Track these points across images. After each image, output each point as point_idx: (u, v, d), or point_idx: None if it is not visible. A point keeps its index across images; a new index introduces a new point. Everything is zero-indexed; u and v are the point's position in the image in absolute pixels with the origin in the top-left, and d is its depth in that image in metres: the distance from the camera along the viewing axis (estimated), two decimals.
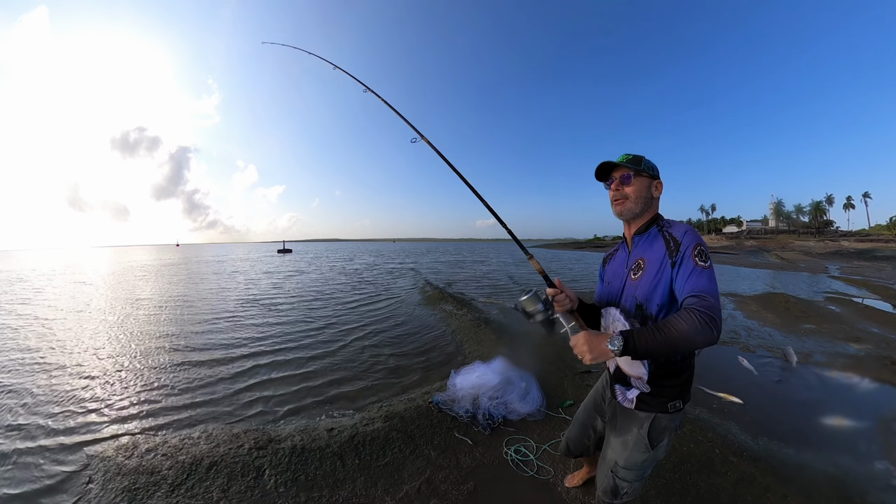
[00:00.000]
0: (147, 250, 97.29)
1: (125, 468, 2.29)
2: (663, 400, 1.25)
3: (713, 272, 1.12)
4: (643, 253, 1.28)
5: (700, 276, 1.09)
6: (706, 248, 1.15)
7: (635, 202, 1.30)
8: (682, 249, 1.15)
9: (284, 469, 2.26)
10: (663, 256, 1.19)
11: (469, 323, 5.95)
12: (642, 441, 1.28)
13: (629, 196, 1.30)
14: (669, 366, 1.24)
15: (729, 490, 2.10)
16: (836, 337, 5.34)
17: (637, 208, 1.30)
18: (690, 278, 1.10)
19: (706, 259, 1.13)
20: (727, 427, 2.79)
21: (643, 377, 1.27)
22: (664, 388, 1.25)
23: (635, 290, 1.26)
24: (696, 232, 1.20)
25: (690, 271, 1.11)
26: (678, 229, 1.22)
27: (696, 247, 1.14)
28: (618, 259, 1.43)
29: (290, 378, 3.93)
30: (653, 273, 1.21)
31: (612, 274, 1.42)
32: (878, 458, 2.46)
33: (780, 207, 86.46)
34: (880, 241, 49.41)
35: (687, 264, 1.13)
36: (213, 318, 7.00)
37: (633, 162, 1.30)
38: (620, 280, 1.35)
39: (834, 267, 20.41)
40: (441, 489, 2.12)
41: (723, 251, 42.15)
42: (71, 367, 4.25)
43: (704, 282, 1.08)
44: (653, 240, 1.27)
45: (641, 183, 1.30)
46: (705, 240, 1.23)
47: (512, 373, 3.29)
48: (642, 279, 1.24)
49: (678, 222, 1.27)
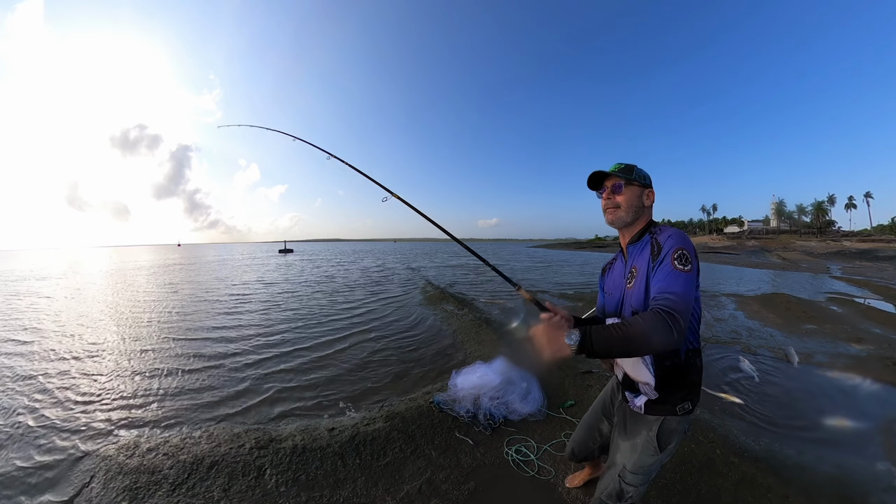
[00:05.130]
0: (148, 250, 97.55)
1: (126, 467, 2.29)
2: (672, 402, 1.26)
3: (691, 277, 1.10)
4: (635, 261, 1.29)
5: (674, 278, 1.08)
6: (690, 253, 1.14)
7: (626, 211, 1.31)
8: (663, 253, 1.16)
9: (285, 469, 2.26)
10: (648, 261, 1.21)
11: (470, 323, 5.95)
12: (651, 444, 1.28)
13: (620, 205, 1.31)
14: (675, 368, 1.24)
15: (730, 491, 2.10)
16: (838, 337, 5.32)
17: (628, 217, 1.31)
18: (665, 279, 1.10)
19: (686, 263, 1.11)
20: (728, 427, 2.79)
21: (650, 383, 1.27)
22: (672, 391, 1.25)
23: (632, 299, 1.26)
24: (684, 237, 1.18)
25: (666, 273, 1.11)
26: (664, 234, 1.22)
27: (677, 250, 1.13)
28: (616, 269, 1.44)
29: (290, 378, 3.94)
30: (641, 279, 1.22)
31: (613, 285, 1.43)
32: (879, 459, 2.45)
33: (782, 207, 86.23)
34: (882, 241, 49.27)
35: (664, 267, 1.13)
36: (214, 317, 7.02)
37: (624, 171, 1.31)
38: (620, 290, 1.36)
39: (836, 267, 20.36)
40: (442, 489, 2.12)
41: (724, 251, 42.07)
42: (71, 367, 4.26)
43: (676, 284, 1.07)
44: (643, 247, 1.28)
45: (633, 192, 1.31)
46: (707, 240, 1.22)
47: (513, 373, 3.29)
48: (634, 287, 1.25)
49: (668, 228, 1.26)
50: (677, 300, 1.03)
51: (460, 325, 5.88)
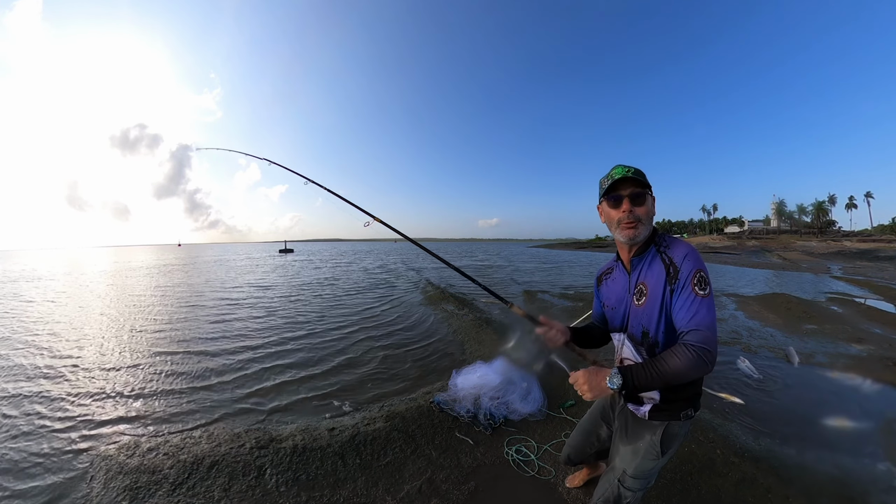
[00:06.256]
0: (148, 250, 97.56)
1: (127, 467, 2.29)
2: (676, 409, 1.25)
3: (711, 300, 1.09)
4: (643, 277, 1.22)
5: (699, 307, 1.07)
6: (706, 274, 1.11)
7: (647, 226, 1.19)
8: (682, 277, 1.10)
9: (286, 468, 2.26)
10: (664, 283, 1.15)
11: (470, 323, 5.95)
12: (654, 448, 1.28)
13: (642, 219, 1.17)
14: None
15: (730, 491, 2.10)
16: (839, 337, 5.32)
17: (647, 232, 1.20)
18: (689, 309, 1.07)
19: (705, 286, 1.09)
20: (728, 428, 2.79)
21: (655, 397, 1.27)
22: (677, 399, 1.25)
23: (640, 317, 1.22)
24: (696, 254, 1.14)
25: (689, 301, 1.08)
26: (678, 252, 1.15)
27: (696, 273, 1.09)
28: (618, 281, 1.36)
29: (291, 378, 3.94)
30: (656, 300, 1.16)
31: (615, 298, 1.36)
32: (880, 460, 2.45)
33: (783, 207, 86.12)
34: (883, 241, 49.22)
35: (686, 293, 1.09)
36: (215, 318, 7.01)
37: (639, 176, 1.17)
38: (624, 305, 1.31)
39: (836, 267, 20.33)
40: (442, 489, 2.12)
41: (725, 251, 42.04)
42: (72, 367, 4.26)
43: (702, 313, 1.06)
44: (651, 262, 1.20)
45: (650, 203, 1.19)
46: (707, 240, 1.22)
47: (513, 373, 3.29)
48: (646, 306, 1.19)
49: (676, 241, 1.19)
50: (708, 333, 1.03)
51: (460, 325, 5.88)
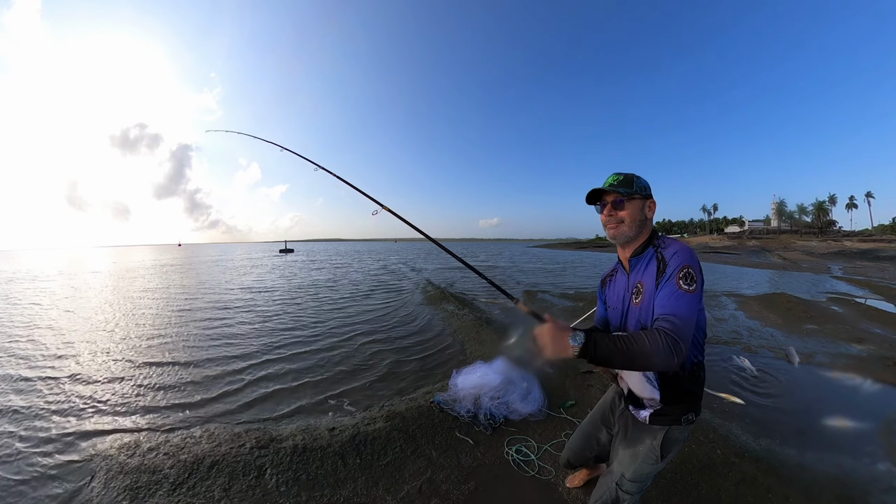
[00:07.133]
0: (149, 250, 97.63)
1: (127, 467, 2.29)
2: (678, 413, 1.26)
3: (696, 297, 1.08)
4: (641, 276, 1.26)
5: (679, 300, 1.07)
6: (695, 270, 1.11)
7: (630, 226, 1.27)
8: (669, 271, 1.13)
9: (286, 468, 2.26)
10: (655, 278, 1.18)
11: (471, 323, 5.95)
12: (654, 453, 1.28)
13: (624, 220, 1.27)
14: (680, 382, 1.24)
15: (730, 491, 2.09)
16: (839, 337, 5.31)
17: (632, 232, 1.27)
18: (669, 300, 1.08)
19: (691, 283, 1.09)
20: (729, 428, 2.79)
21: (656, 398, 1.27)
22: (677, 403, 1.26)
23: (638, 315, 1.24)
24: (690, 253, 1.16)
25: (671, 293, 1.09)
26: (670, 250, 1.19)
27: (683, 269, 1.11)
28: (618, 282, 1.40)
29: (291, 378, 3.94)
30: (650, 297, 1.19)
31: (616, 298, 1.39)
32: (880, 460, 2.45)
33: (783, 207, 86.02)
34: (883, 241, 49.20)
35: (669, 286, 1.11)
36: (215, 318, 7.02)
37: (624, 184, 1.26)
38: (623, 304, 1.33)
39: (836, 267, 20.33)
40: (442, 489, 2.12)
41: (725, 251, 42.04)
42: (72, 367, 4.26)
43: (680, 306, 1.06)
44: (648, 262, 1.25)
45: (635, 206, 1.26)
46: (707, 240, 1.21)
47: (513, 373, 3.28)
48: (643, 304, 1.22)
49: (673, 241, 1.23)
50: (681, 324, 1.03)
51: (461, 325, 5.87)
